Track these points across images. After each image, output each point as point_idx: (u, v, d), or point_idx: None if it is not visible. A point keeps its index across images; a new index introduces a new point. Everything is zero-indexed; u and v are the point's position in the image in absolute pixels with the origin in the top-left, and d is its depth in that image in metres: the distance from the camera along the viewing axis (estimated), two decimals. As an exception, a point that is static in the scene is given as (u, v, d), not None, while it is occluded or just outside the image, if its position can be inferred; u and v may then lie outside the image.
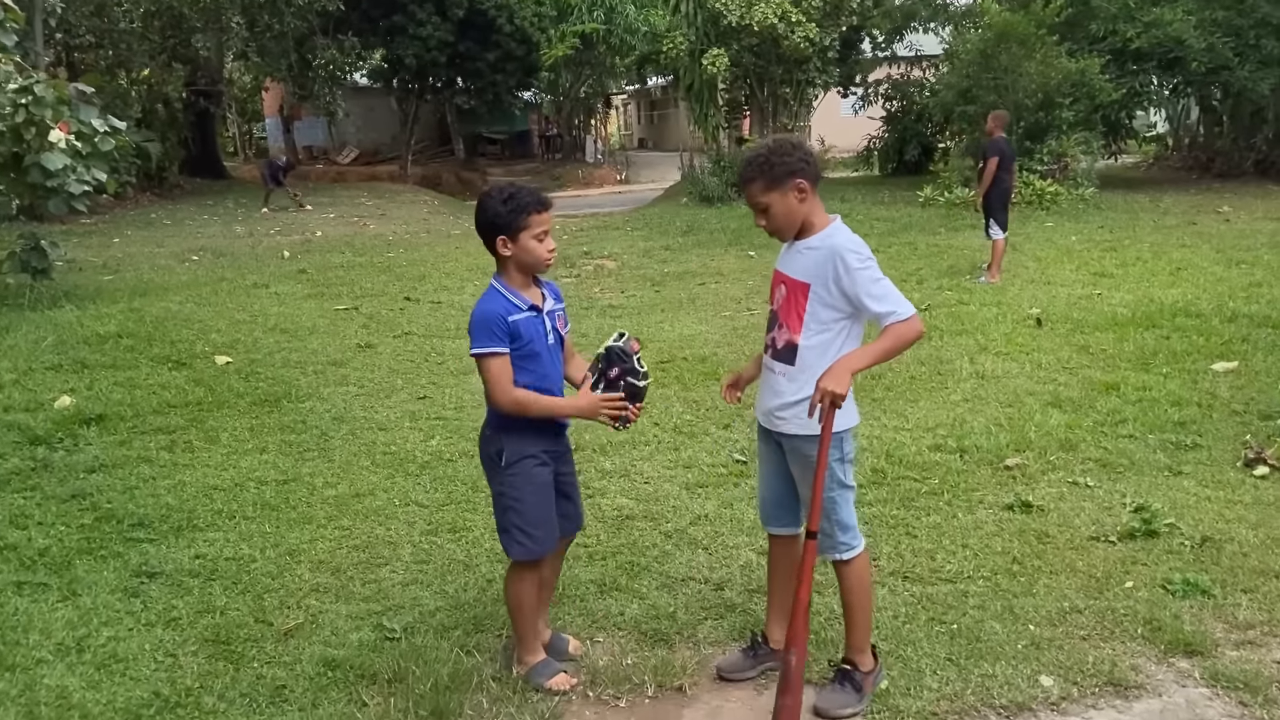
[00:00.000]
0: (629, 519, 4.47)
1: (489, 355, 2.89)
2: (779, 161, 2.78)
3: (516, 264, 2.93)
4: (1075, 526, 4.13)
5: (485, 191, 2.97)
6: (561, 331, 3.07)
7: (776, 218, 2.82)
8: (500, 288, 2.96)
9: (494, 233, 2.90)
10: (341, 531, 4.42)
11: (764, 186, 2.80)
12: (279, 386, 6.76)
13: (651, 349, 7.67)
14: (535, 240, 2.90)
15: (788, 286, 2.87)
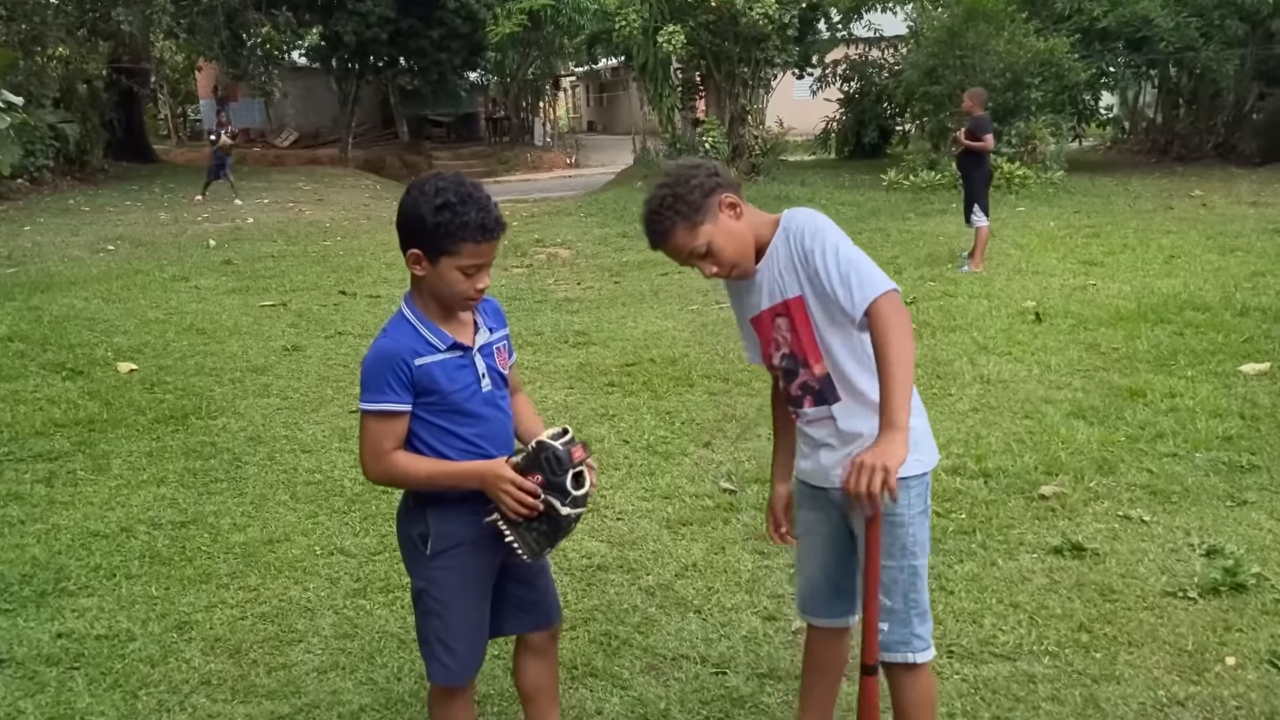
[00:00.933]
0: (601, 570, 3.69)
1: (373, 414, 2.10)
2: (686, 190, 2.15)
3: (429, 290, 2.14)
4: (1142, 577, 3.43)
5: (420, 182, 2.10)
6: (503, 370, 2.26)
7: (725, 250, 2.16)
8: (411, 315, 2.14)
9: (410, 241, 2.09)
10: (247, 594, 3.59)
11: (689, 226, 2.14)
12: (188, 399, 5.86)
13: (615, 349, 6.90)
14: (461, 274, 2.07)
15: (782, 317, 2.19)
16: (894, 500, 2.00)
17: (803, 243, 2.11)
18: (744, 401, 5.59)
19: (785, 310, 2.17)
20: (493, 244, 2.09)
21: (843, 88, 21.38)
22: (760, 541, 3.86)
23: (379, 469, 2.13)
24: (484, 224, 2.05)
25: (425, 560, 2.20)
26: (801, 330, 2.16)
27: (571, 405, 5.68)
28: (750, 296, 2.25)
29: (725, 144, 16.64)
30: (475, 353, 2.18)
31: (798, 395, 2.24)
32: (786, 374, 2.24)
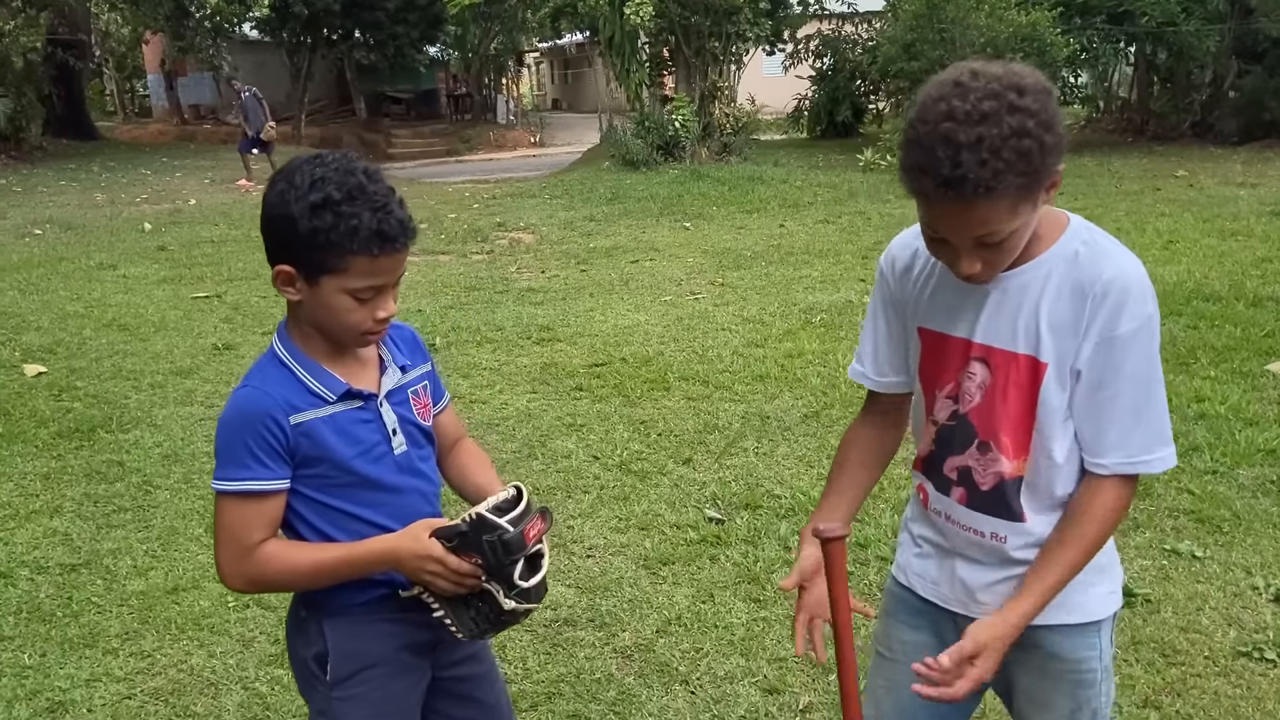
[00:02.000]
0: (569, 625, 3.11)
1: (230, 495, 1.49)
2: (1050, 137, 1.26)
3: (310, 320, 1.53)
4: (1207, 632, 2.91)
5: (290, 169, 1.48)
6: (423, 422, 1.66)
7: (1015, 251, 1.36)
8: (285, 354, 1.54)
9: (278, 254, 1.48)
10: (139, 662, 2.97)
11: (1022, 196, 1.28)
12: (99, 408, 5.19)
13: (582, 346, 6.29)
14: (351, 299, 1.47)
15: (984, 365, 1.45)
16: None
17: (1116, 321, 1.35)
18: (727, 409, 5.02)
19: (1001, 363, 1.42)
20: (397, 257, 1.48)
21: (815, 64, 20.78)
22: (754, 586, 3.30)
23: (243, 571, 1.51)
24: (382, 229, 1.43)
25: (324, 689, 1.61)
26: (1011, 402, 1.42)
27: (535, 413, 5.08)
28: (942, 299, 1.48)
29: (695, 122, 16.01)
30: (381, 401, 1.59)
31: (947, 479, 1.53)
32: (943, 440, 1.52)
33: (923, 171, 1.27)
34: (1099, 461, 1.41)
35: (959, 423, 1.50)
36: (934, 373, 1.52)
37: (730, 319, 6.80)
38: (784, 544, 3.57)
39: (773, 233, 10.23)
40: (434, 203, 13.92)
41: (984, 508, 1.49)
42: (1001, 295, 1.42)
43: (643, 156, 15.53)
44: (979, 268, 1.36)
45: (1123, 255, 1.37)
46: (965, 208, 1.27)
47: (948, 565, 1.58)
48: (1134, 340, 1.35)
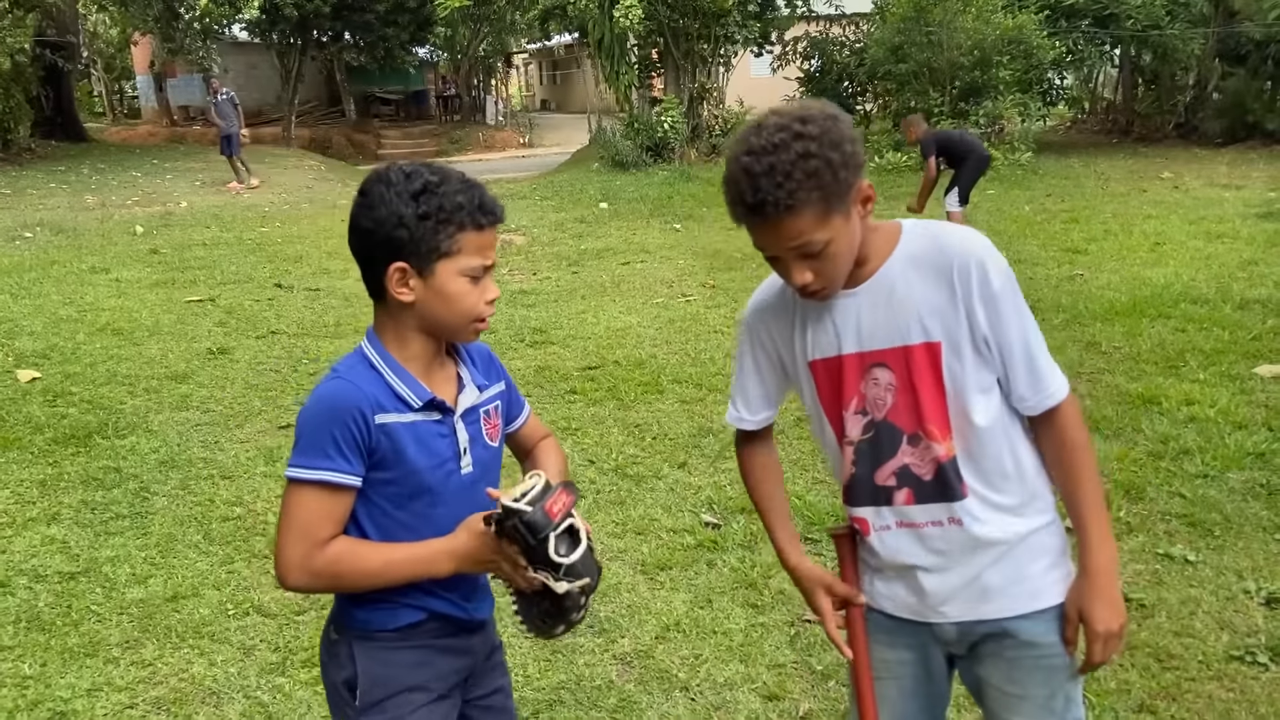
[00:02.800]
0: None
1: (307, 484, 1.49)
2: (839, 155, 1.42)
3: (421, 320, 1.55)
4: (1200, 636, 2.95)
5: (378, 176, 1.53)
6: (493, 442, 1.68)
7: (839, 259, 1.49)
8: (377, 358, 1.55)
9: (388, 254, 1.50)
10: (140, 671, 2.98)
11: (822, 210, 1.42)
12: (95, 414, 5.19)
13: (575, 348, 6.32)
14: (466, 279, 1.52)
15: (882, 368, 1.55)
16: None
17: (988, 283, 1.47)
18: (721, 412, 5.02)
19: (900, 359, 1.53)
20: (496, 232, 1.56)
21: (803, 66, 20.82)
22: (752, 592, 3.33)
23: (311, 566, 1.50)
24: (483, 201, 1.52)
25: (352, 714, 1.61)
26: (922, 390, 1.52)
27: (529, 417, 5.09)
28: (819, 329, 1.59)
29: (684, 124, 16.05)
30: (458, 418, 1.60)
31: (886, 487, 1.59)
32: (869, 454, 1.59)
33: (733, 203, 1.47)
34: (1029, 404, 1.53)
35: (878, 429, 1.58)
36: (836, 396, 1.60)
37: (722, 321, 6.84)
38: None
39: (764, 235, 10.25)
40: (425, 205, 13.90)
41: (932, 496, 1.56)
42: (871, 302, 1.55)
43: (632, 158, 15.57)
44: (810, 277, 1.49)
45: (959, 230, 1.54)
46: (775, 226, 1.44)
47: (906, 579, 1.62)
48: (1006, 292, 1.49)
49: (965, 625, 1.60)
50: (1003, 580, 1.56)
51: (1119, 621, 1.52)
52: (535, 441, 1.82)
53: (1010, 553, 1.56)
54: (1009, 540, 1.55)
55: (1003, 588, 1.57)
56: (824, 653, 2.96)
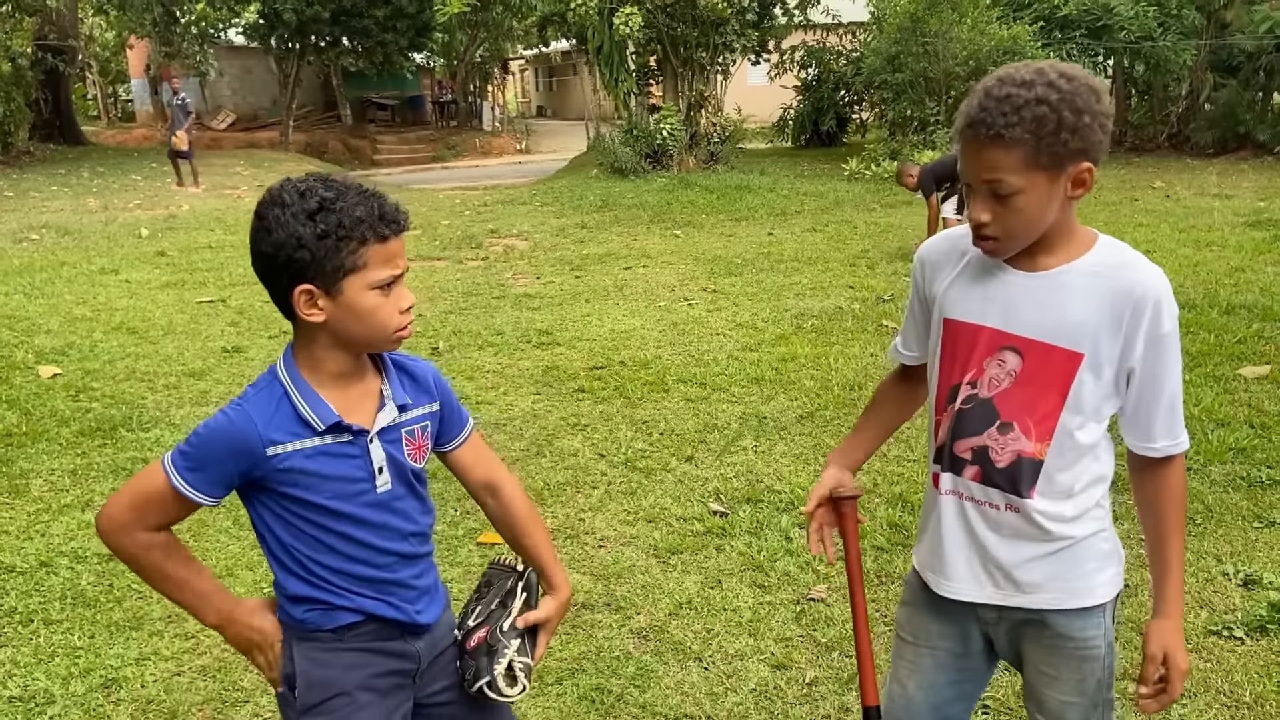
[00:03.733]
0: (586, 609, 3.32)
1: (168, 475, 1.54)
2: (1074, 116, 1.46)
3: (336, 338, 1.56)
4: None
5: (276, 193, 1.52)
6: (412, 463, 1.66)
7: (1024, 215, 1.53)
8: (288, 380, 1.57)
9: (292, 278, 1.50)
10: (184, 643, 3.15)
11: (1029, 159, 1.48)
12: (118, 408, 5.36)
13: (581, 350, 6.50)
14: (376, 292, 1.52)
15: (1015, 354, 1.62)
16: None
17: (1160, 324, 1.55)
18: (725, 409, 5.24)
19: (1038, 354, 1.58)
20: (402, 240, 1.55)
21: (800, 74, 21.08)
22: (759, 573, 3.51)
23: (128, 535, 1.55)
24: (383, 212, 1.51)
25: (293, 714, 1.64)
26: (1040, 391, 1.59)
27: (540, 413, 5.28)
28: (974, 293, 1.64)
29: (683, 131, 16.26)
30: (372, 438, 1.60)
31: (961, 458, 1.67)
32: (962, 422, 1.65)
33: (962, 114, 1.53)
34: (1153, 446, 1.62)
35: (976, 405, 1.64)
36: (955, 360, 1.67)
37: (724, 324, 7.03)
38: (785, 535, 3.79)
39: (761, 240, 10.47)
40: (426, 209, 14.09)
41: (996, 482, 1.64)
42: (1040, 292, 1.59)
43: (631, 164, 15.77)
44: (987, 218, 1.54)
45: (1151, 266, 1.58)
46: (980, 149, 1.50)
47: (963, 553, 1.70)
48: (1173, 338, 1.56)
49: (1005, 610, 1.70)
50: (1046, 575, 1.65)
51: (1175, 659, 1.64)
52: (481, 478, 1.79)
53: (1063, 552, 1.64)
54: (1065, 539, 1.64)
55: (1045, 582, 1.65)
56: (828, 627, 3.14)
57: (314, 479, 1.56)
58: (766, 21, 18.50)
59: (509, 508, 1.80)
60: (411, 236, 11.70)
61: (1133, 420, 1.62)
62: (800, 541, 3.73)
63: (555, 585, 1.79)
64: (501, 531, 1.83)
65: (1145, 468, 1.66)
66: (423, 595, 1.70)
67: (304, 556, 1.60)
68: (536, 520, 1.83)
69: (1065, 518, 1.63)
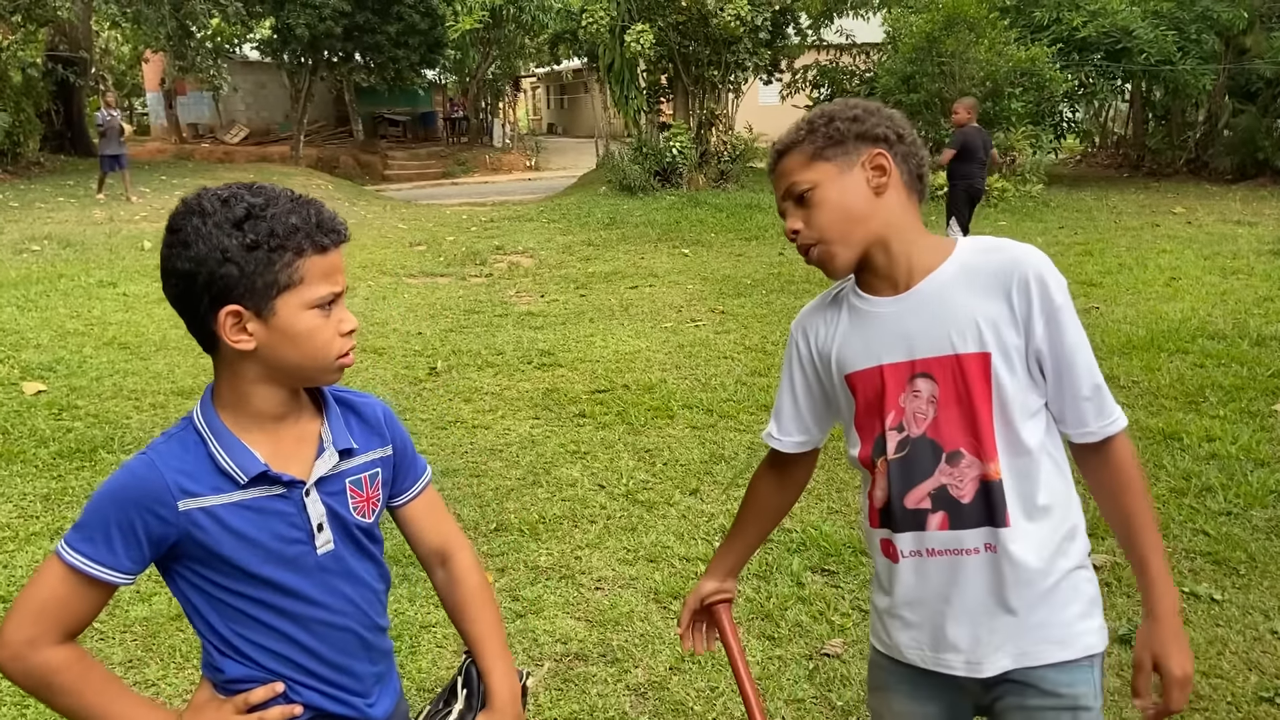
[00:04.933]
0: (580, 660, 3.06)
1: (64, 563, 1.27)
2: (846, 119, 1.51)
3: (267, 369, 1.33)
4: (1228, 676, 2.88)
5: (193, 202, 1.29)
6: (363, 519, 1.42)
7: (827, 208, 1.49)
8: (204, 426, 1.33)
9: (216, 298, 1.27)
10: (144, 690, 2.90)
11: (810, 154, 1.51)
12: (100, 428, 5.13)
13: (584, 371, 6.27)
14: (315, 312, 1.30)
15: (926, 379, 1.47)
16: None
17: (1049, 296, 1.42)
18: (732, 439, 4.99)
19: (947, 369, 1.45)
20: (340, 253, 1.33)
21: (812, 94, 20.88)
22: (768, 623, 3.26)
23: (31, 657, 1.26)
24: (319, 219, 1.29)
25: None
26: (970, 405, 1.44)
27: (538, 439, 5.04)
28: (859, 340, 1.53)
29: (693, 149, 16.08)
30: (309, 489, 1.36)
31: (917, 510, 1.48)
32: (904, 470, 1.48)
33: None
34: (1088, 429, 1.46)
35: (914, 446, 1.48)
36: (873, 411, 1.52)
37: (732, 347, 6.79)
38: (796, 579, 3.53)
39: (772, 260, 10.24)
40: (431, 225, 13.93)
41: (970, 521, 1.46)
42: (919, 310, 1.48)
43: (640, 182, 15.58)
44: (798, 225, 1.52)
45: (1022, 244, 1.47)
46: (775, 170, 1.56)
47: (936, 621, 1.51)
48: (1068, 310, 1.43)
49: (990, 679, 1.49)
50: (1032, 624, 1.46)
51: (1192, 664, 1.45)
52: (435, 545, 1.53)
53: (1047, 593, 1.45)
54: (1047, 575, 1.45)
55: (1030, 632, 1.46)
56: (844, 688, 2.88)
57: (239, 541, 1.31)
58: (779, 41, 18.35)
59: (459, 583, 1.53)
60: (415, 253, 11.58)
61: (1060, 408, 1.47)
62: (813, 589, 3.47)
63: (493, 692, 1.47)
64: (447, 610, 1.56)
65: (1090, 457, 1.50)
66: (374, 685, 1.46)
67: (237, 637, 1.35)
68: (486, 602, 1.54)
69: (1045, 541, 1.46)
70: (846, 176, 1.48)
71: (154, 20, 21.34)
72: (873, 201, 1.48)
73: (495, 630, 1.52)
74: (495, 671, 1.48)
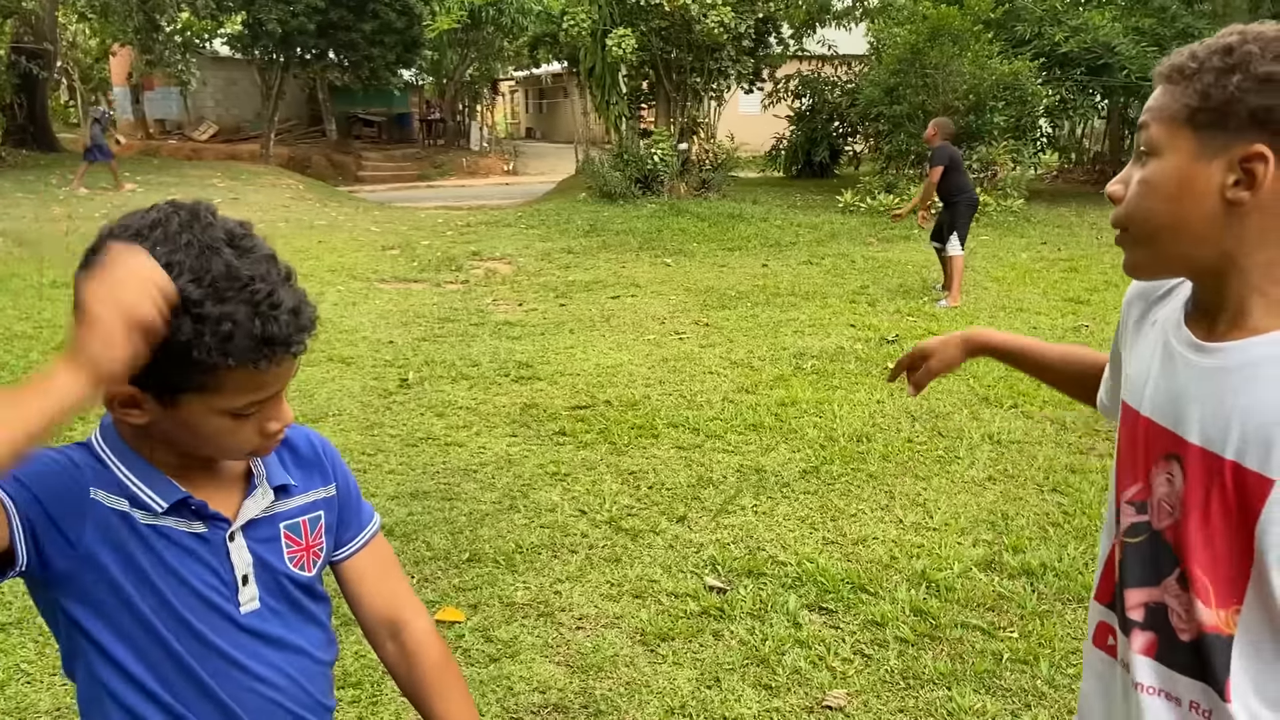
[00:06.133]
0: (558, 712, 2.78)
1: None
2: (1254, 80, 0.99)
3: (165, 436, 1.09)
4: None
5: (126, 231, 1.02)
6: (296, 572, 1.18)
7: (1155, 189, 1.06)
8: (104, 449, 1.10)
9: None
10: (69, 749, 2.59)
11: (1185, 112, 1.03)
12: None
13: (564, 385, 5.98)
14: (225, 417, 1.06)
15: (1178, 464, 1.08)
16: None
17: None
18: (720, 460, 4.72)
19: (1202, 468, 1.05)
20: (292, 363, 1.08)
21: (794, 104, 20.75)
22: (764, 670, 2.99)
23: None
24: (268, 333, 1.01)
25: None
26: (1216, 529, 1.04)
27: (515, 459, 4.75)
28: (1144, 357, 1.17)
29: (674, 156, 15.85)
30: (232, 533, 1.13)
31: (1129, 619, 1.13)
32: (1132, 563, 1.14)
33: None
34: None
35: (1148, 539, 1.12)
36: (1124, 461, 1.17)
37: (717, 362, 6.53)
38: (793, 620, 3.27)
39: (756, 272, 10.01)
40: (406, 228, 13.59)
41: (1179, 666, 1.09)
42: (1216, 373, 1.06)
43: (621, 189, 15.32)
44: (1119, 189, 1.11)
45: None
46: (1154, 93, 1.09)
47: None
48: None
49: None
50: None
51: None
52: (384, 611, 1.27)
53: None
54: None
55: None
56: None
57: (154, 560, 1.07)
58: (762, 50, 18.19)
59: (416, 658, 1.26)
60: (388, 257, 11.25)
61: None
62: (811, 630, 3.20)
63: None
64: (404, 689, 1.28)
65: None
66: None
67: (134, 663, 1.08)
68: (452, 677, 1.28)
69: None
70: (1200, 167, 1.03)
71: (121, 13, 20.87)
72: (1217, 216, 1.03)
73: (467, 707, 1.27)
74: None
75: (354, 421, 5.27)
